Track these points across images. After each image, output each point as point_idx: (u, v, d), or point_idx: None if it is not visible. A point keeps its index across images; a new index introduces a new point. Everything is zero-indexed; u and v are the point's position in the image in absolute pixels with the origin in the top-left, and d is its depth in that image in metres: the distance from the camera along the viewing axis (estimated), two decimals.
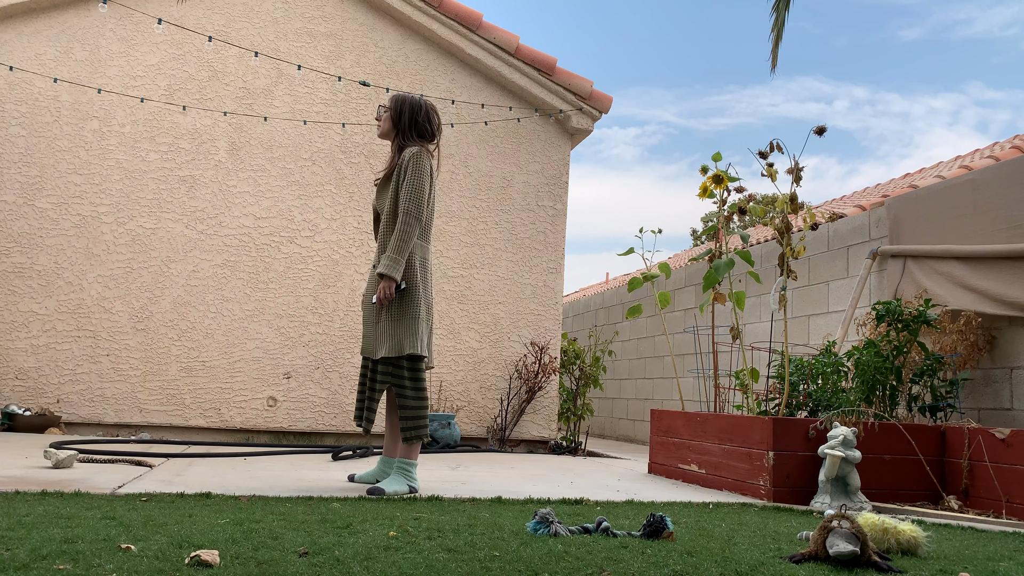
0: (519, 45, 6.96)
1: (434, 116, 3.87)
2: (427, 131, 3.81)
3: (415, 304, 3.62)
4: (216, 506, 2.86)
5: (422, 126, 3.80)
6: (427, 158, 3.70)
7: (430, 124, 3.82)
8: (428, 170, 3.68)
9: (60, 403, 6.11)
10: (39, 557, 1.89)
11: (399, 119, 3.80)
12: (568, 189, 7.16)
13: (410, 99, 3.84)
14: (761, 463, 4.04)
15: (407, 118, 3.79)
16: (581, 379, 7.12)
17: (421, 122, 3.80)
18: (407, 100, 3.83)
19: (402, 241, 3.58)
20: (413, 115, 3.80)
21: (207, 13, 6.65)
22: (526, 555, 2.20)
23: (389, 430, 3.82)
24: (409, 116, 3.80)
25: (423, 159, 3.67)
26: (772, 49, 4.56)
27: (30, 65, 6.35)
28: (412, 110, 3.81)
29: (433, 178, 3.75)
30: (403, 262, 3.58)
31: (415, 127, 3.79)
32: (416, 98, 3.85)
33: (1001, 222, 4.65)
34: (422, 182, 3.63)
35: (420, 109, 3.81)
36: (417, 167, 3.64)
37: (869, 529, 2.55)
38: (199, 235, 6.44)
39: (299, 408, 6.44)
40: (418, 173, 3.64)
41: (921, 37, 53.63)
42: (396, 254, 3.57)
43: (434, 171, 3.76)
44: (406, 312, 3.61)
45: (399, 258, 3.57)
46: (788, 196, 4.36)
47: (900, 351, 4.44)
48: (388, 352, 3.57)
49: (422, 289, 3.66)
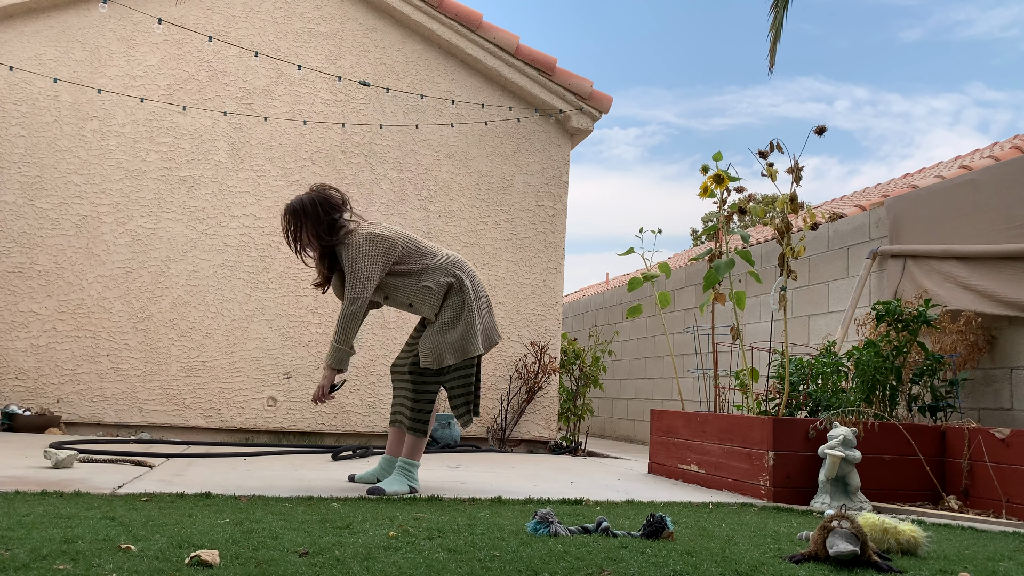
0: (519, 45, 6.96)
1: (329, 197, 3.60)
2: (336, 214, 3.58)
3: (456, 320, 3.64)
4: (216, 506, 2.86)
5: (330, 218, 3.56)
6: (358, 238, 3.53)
7: (332, 206, 3.58)
8: (367, 247, 3.52)
9: (60, 403, 6.11)
10: (39, 557, 1.89)
11: (316, 234, 3.55)
12: (568, 189, 7.16)
13: (295, 211, 3.56)
14: (761, 463, 4.04)
15: (316, 229, 3.54)
16: (581, 379, 7.12)
17: (324, 217, 3.55)
18: (298, 215, 3.55)
19: (340, 329, 3.52)
20: (315, 221, 3.54)
21: (207, 13, 6.65)
22: (526, 555, 2.20)
23: (394, 429, 3.82)
24: (314, 225, 3.54)
25: (356, 242, 3.52)
26: (770, 48, 4.57)
27: (30, 65, 6.34)
28: (311, 217, 3.54)
29: (382, 246, 3.56)
30: (344, 350, 3.54)
31: (329, 226, 3.57)
32: (299, 204, 3.56)
33: (1001, 222, 4.65)
34: (359, 266, 3.51)
35: (311, 210, 3.55)
36: (352, 254, 3.52)
37: (869, 529, 2.55)
38: (199, 235, 6.44)
39: (299, 408, 6.44)
40: (355, 258, 3.51)
41: (921, 38, 53.65)
42: (336, 342, 3.54)
43: (379, 241, 3.56)
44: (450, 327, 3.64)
45: (340, 347, 3.54)
46: (788, 196, 4.36)
47: (900, 351, 4.44)
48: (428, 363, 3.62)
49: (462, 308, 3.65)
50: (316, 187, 3.67)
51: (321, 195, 3.61)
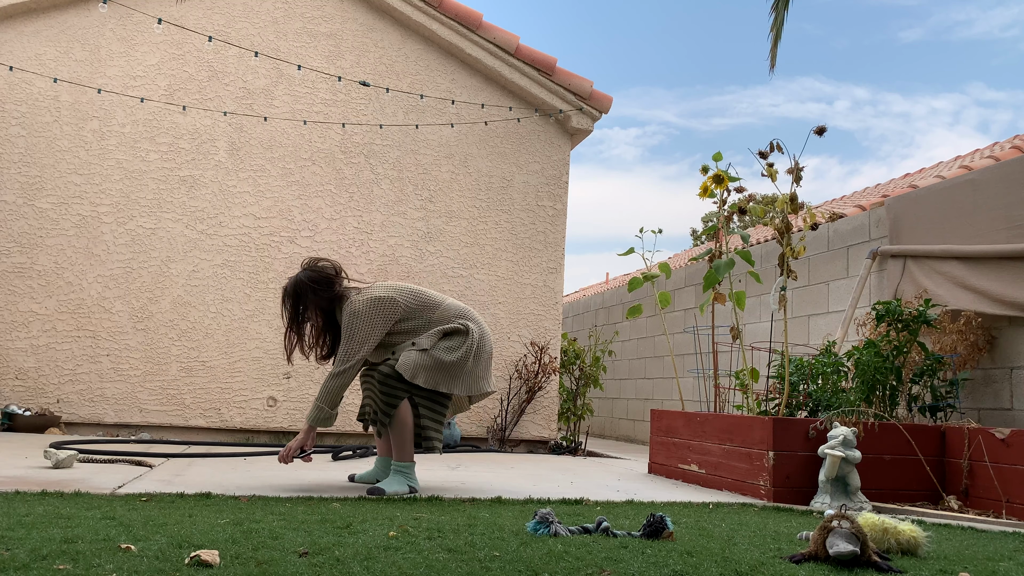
0: (519, 45, 6.96)
1: (323, 270, 3.63)
2: (331, 284, 3.61)
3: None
4: (216, 506, 2.86)
5: (326, 292, 3.60)
6: (360, 305, 3.54)
7: (328, 279, 3.61)
8: (369, 313, 3.53)
9: (60, 403, 6.11)
10: (39, 557, 1.89)
11: (319, 307, 3.61)
12: (568, 189, 7.16)
13: (296, 292, 3.60)
14: (761, 463, 4.03)
15: (315, 300, 3.59)
16: (581, 379, 7.12)
17: (323, 291, 3.59)
18: (299, 295, 3.60)
19: (327, 391, 3.52)
20: (315, 295, 3.59)
21: (207, 13, 6.65)
22: (526, 555, 2.20)
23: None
24: (314, 298, 3.59)
25: (358, 309, 3.53)
26: (771, 49, 4.57)
27: (30, 65, 6.34)
28: (310, 291, 3.59)
29: (385, 309, 3.56)
30: (328, 411, 3.53)
31: (327, 298, 3.61)
32: (297, 284, 3.60)
33: (1001, 222, 4.65)
34: (355, 331, 3.52)
35: (310, 285, 3.59)
36: (352, 320, 3.52)
37: (869, 529, 2.55)
38: (199, 235, 6.44)
39: (299, 408, 6.44)
40: (354, 325, 3.52)
41: (921, 38, 53.64)
42: (321, 403, 3.53)
43: (381, 305, 3.56)
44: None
45: (324, 407, 3.53)
46: (788, 196, 4.36)
47: (900, 351, 4.44)
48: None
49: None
50: (308, 262, 3.68)
51: (315, 270, 3.64)
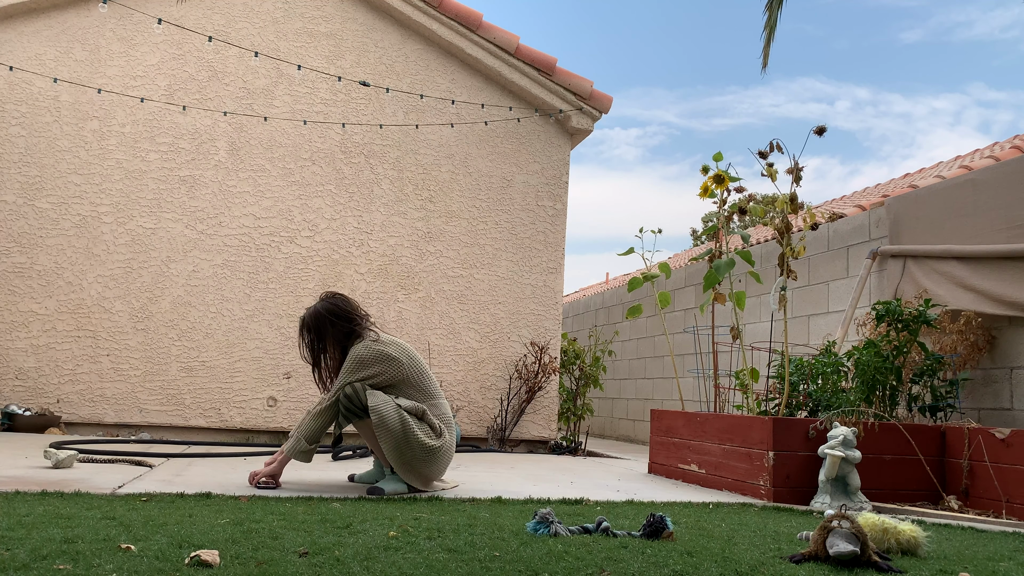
0: (519, 45, 6.96)
1: (340, 304, 3.60)
2: (353, 319, 3.59)
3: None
4: (216, 506, 2.86)
5: (348, 327, 3.57)
6: (367, 349, 3.51)
7: (346, 313, 3.59)
8: (374, 358, 3.50)
9: (60, 403, 6.11)
10: (39, 557, 1.89)
11: (337, 340, 3.57)
12: (568, 189, 7.16)
13: (316, 324, 3.56)
14: (761, 463, 4.03)
15: (334, 333, 3.55)
16: (581, 379, 7.12)
17: (343, 325, 3.57)
18: (319, 326, 3.56)
19: (311, 424, 3.49)
20: (334, 328, 3.55)
21: (207, 13, 6.65)
22: (526, 555, 2.20)
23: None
24: (334, 332, 3.55)
25: (363, 353, 3.50)
26: (764, 48, 4.56)
27: (30, 65, 6.34)
28: (330, 324, 3.55)
29: (390, 365, 3.52)
30: (303, 442, 3.48)
31: (346, 335, 3.58)
32: (316, 315, 3.57)
33: (1001, 222, 4.65)
34: (355, 367, 3.49)
35: (329, 317, 3.56)
36: (355, 355, 3.50)
37: (869, 529, 2.55)
38: (199, 235, 6.44)
39: (299, 408, 6.44)
40: (356, 361, 3.49)
41: (922, 39, 53.64)
42: (302, 435, 3.50)
43: (388, 360, 3.53)
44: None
45: (300, 438, 3.49)
46: (788, 196, 4.36)
47: (900, 351, 4.44)
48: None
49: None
50: (327, 295, 3.66)
51: (333, 302, 3.61)
